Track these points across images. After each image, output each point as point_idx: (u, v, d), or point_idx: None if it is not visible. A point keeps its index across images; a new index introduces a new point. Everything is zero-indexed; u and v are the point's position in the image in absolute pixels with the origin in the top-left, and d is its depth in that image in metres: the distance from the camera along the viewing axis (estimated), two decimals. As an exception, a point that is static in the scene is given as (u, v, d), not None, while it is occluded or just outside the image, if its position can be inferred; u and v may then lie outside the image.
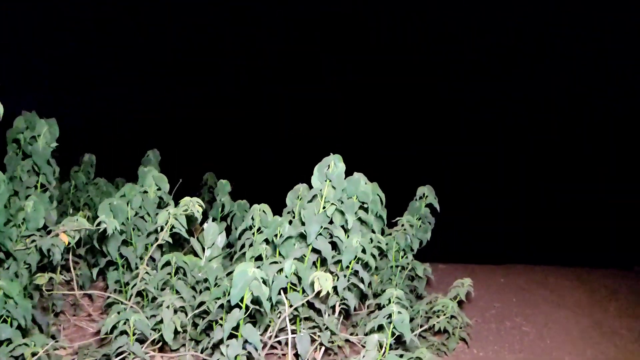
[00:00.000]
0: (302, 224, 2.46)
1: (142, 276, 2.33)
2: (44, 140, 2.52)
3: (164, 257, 2.40)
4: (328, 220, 2.40)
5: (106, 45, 9.42)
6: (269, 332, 2.44)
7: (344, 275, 2.47)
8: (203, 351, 2.36)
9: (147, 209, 2.54)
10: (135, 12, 9.56)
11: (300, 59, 10.59)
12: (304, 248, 2.46)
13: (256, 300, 1.95)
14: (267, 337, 2.42)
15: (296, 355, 2.49)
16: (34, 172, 2.61)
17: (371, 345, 2.14)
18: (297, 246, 2.51)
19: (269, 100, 10.27)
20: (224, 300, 2.23)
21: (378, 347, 2.15)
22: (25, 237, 2.26)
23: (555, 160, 9.51)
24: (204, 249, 2.56)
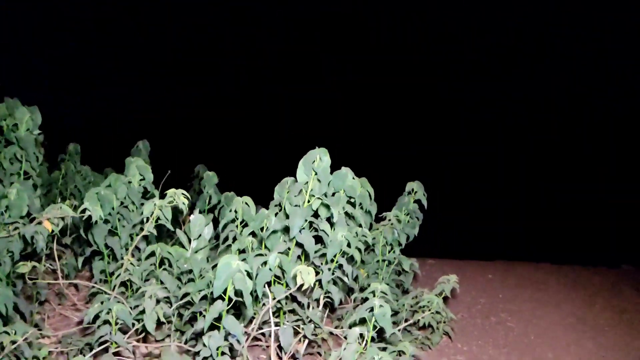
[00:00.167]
0: (287, 217, 2.47)
1: (126, 266, 2.35)
2: (26, 127, 2.54)
3: (148, 248, 2.42)
4: (312, 214, 2.41)
5: (106, 45, 9.46)
6: (253, 324, 2.45)
7: (329, 269, 2.48)
8: (187, 342, 2.38)
9: (132, 199, 2.55)
10: (135, 12, 9.61)
11: (300, 59, 10.60)
12: (289, 242, 2.47)
13: (239, 293, 1.97)
14: (251, 329, 2.43)
15: (279, 348, 2.50)
16: (16, 159, 2.62)
17: (352, 338, 2.15)
18: (282, 239, 2.52)
19: (269, 100, 10.28)
20: (207, 291, 2.25)
21: (359, 340, 2.16)
22: (8, 225, 2.27)
23: (555, 160, 9.49)
24: (190, 240, 2.57)
